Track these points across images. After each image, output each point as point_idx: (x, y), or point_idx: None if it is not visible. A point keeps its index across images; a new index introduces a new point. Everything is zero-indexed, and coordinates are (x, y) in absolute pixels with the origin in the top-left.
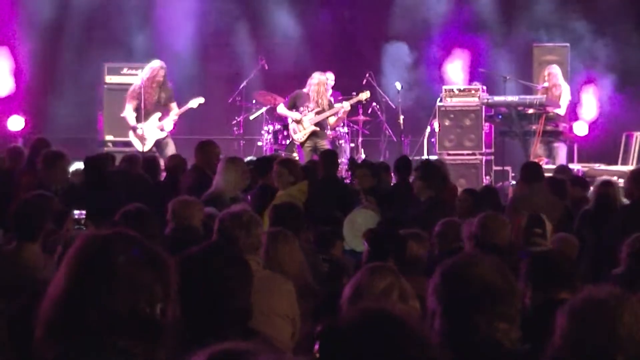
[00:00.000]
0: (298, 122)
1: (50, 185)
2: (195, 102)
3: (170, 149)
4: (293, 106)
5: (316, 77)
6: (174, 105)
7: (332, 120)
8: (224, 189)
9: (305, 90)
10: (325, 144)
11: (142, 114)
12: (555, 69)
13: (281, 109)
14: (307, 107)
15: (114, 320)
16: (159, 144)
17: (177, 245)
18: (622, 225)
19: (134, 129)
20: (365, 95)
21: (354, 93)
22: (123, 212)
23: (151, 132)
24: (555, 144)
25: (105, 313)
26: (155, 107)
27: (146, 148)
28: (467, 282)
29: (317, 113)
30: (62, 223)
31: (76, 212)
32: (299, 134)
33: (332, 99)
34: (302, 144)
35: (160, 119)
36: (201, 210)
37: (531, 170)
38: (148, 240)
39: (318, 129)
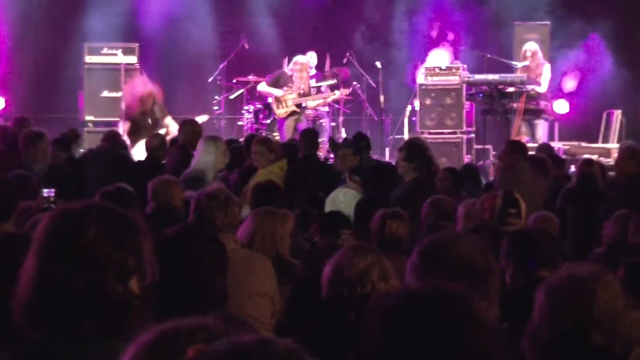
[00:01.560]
0: (280, 100)
1: (31, 165)
2: (200, 119)
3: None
4: (275, 85)
5: (299, 63)
6: (168, 119)
7: (313, 103)
8: (204, 168)
9: (288, 72)
10: (303, 121)
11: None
12: (534, 46)
13: (262, 87)
14: (290, 87)
15: (84, 302)
16: None
17: (157, 226)
18: (620, 203)
19: None
20: (346, 91)
21: (335, 70)
22: (103, 192)
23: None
24: (537, 122)
25: (74, 294)
26: (150, 129)
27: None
28: (445, 261)
29: (299, 95)
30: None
31: (45, 190)
32: (281, 110)
33: (313, 85)
34: (284, 119)
35: None
36: (182, 190)
37: (517, 149)
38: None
39: (298, 110)
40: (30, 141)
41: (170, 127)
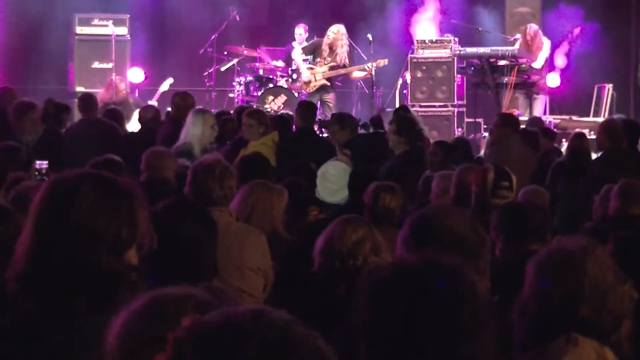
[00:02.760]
0: (309, 75)
1: (21, 136)
2: (166, 85)
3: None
4: (311, 53)
5: (334, 32)
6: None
7: (356, 74)
8: (192, 141)
9: (325, 41)
10: (330, 98)
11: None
12: (535, 27)
13: (297, 55)
14: (325, 58)
15: (78, 274)
16: None
17: (148, 197)
18: (597, 177)
19: None
20: (383, 62)
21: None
22: (92, 163)
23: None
24: (536, 97)
25: (68, 266)
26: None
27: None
28: (436, 234)
29: (331, 68)
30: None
31: (37, 162)
32: (309, 87)
33: (304, 58)
34: (309, 94)
35: None
36: (175, 161)
37: (508, 122)
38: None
39: (328, 83)
40: (20, 112)
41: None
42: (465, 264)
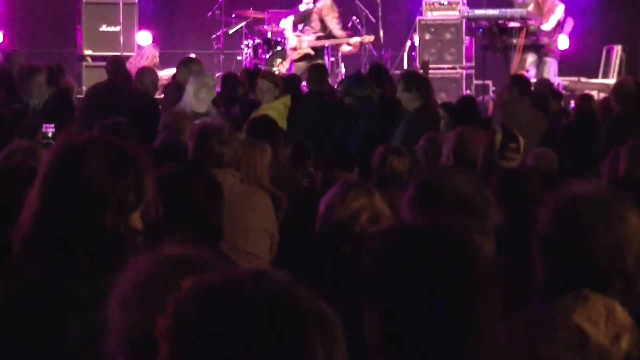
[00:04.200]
0: (296, 41)
1: (28, 99)
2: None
3: None
4: (301, 22)
5: (323, 5)
6: None
7: (345, 48)
8: (193, 104)
9: (315, 11)
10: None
11: None
12: None
13: (287, 24)
14: (312, 27)
15: (83, 236)
16: None
17: (164, 158)
18: (607, 140)
19: None
20: (369, 38)
21: (341, 9)
22: (100, 125)
23: None
24: (547, 60)
25: (74, 228)
26: None
27: None
28: (441, 195)
29: (318, 38)
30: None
31: (44, 126)
32: (294, 53)
33: (339, 29)
34: (295, 60)
35: None
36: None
37: (518, 84)
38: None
39: (312, 52)
40: (26, 76)
41: None
42: (470, 225)
